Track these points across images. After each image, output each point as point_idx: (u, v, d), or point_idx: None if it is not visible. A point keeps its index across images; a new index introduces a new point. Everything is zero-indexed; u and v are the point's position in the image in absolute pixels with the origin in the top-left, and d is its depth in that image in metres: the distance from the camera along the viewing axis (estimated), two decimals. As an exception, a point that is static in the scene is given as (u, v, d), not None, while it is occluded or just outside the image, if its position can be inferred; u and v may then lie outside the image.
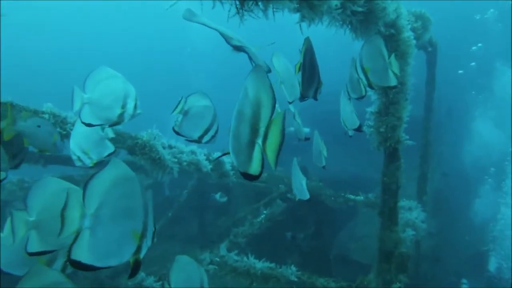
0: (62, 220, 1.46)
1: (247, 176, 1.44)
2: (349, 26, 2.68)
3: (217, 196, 8.06)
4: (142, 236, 1.56)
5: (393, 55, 2.85)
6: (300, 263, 6.34)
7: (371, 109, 3.39)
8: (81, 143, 2.88)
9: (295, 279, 3.98)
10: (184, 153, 4.21)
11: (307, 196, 3.37)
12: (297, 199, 3.47)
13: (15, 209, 1.93)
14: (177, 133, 2.59)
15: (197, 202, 8.40)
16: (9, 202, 6.65)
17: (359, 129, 3.33)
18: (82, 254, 1.45)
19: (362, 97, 3.06)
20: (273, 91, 1.42)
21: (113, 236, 1.52)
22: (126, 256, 1.53)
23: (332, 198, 6.29)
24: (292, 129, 3.79)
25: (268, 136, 1.40)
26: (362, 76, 2.86)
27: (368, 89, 2.98)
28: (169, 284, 2.40)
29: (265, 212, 6.03)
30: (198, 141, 2.62)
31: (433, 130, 6.29)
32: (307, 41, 2.37)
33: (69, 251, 1.43)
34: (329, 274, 5.94)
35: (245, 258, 4.24)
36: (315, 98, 2.64)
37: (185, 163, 4.18)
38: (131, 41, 31.29)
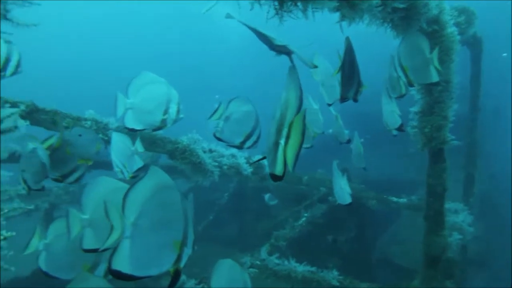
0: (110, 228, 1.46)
1: (273, 177, 1.44)
2: (390, 24, 2.59)
3: (266, 197, 7.64)
4: (182, 244, 1.54)
5: (436, 50, 2.74)
6: (341, 267, 6.22)
7: (415, 108, 3.28)
8: (119, 156, 2.93)
9: (337, 284, 3.90)
10: (224, 157, 4.22)
11: (348, 200, 3.30)
12: (337, 203, 3.41)
13: (70, 207, 1.97)
14: (218, 139, 2.57)
15: (237, 205, 8.43)
16: (56, 206, 6.90)
17: (401, 129, 3.24)
18: (122, 263, 1.45)
19: (402, 96, 3.00)
20: (301, 92, 1.43)
21: (153, 245, 1.51)
22: (166, 265, 1.52)
23: (374, 201, 6.15)
24: (330, 131, 3.73)
25: (289, 137, 1.41)
26: (401, 74, 2.78)
27: (410, 88, 2.90)
28: None
29: (306, 215, 5.95)
30: (240, 146, 2.59)
31: (479, 129, 6.05)
32: (347, 41, 2.31)
33: (109, 261, 1.43)
34: (371, 278, 5.81)
35: (286, 262, 4.20)
36: (355, 100, 2.57)
37: (225, 167, 4.18)
38: (166, 42, 31.63)
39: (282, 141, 1.41)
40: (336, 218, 6.57)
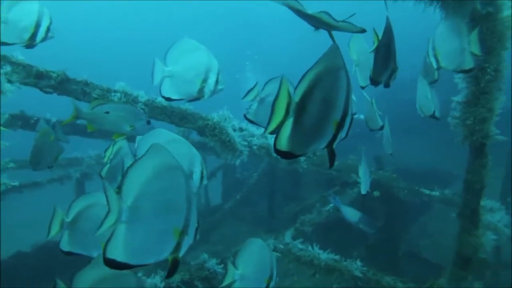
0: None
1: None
2: (439, 3, 2.39)
3: (355, 218, 5.85)
4: (183, 233, 1.42)
5: (475, 32, 2.53)
6: (367, 257, 6.09)
7: (458, 98, 3.06)
8: None
9: (360, 275, 3.78)
10: (255, 137, 4.12)
11: (363, 191, 3.45)
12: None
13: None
14: (250, 121, 2.41)
15: (267, 186, 8.38)
16: (88, 175, 7.04)
17: (435, 116, 3.08)
18: (117, 251, 1.33)
19: (434, 82, 2.89)
20: (325, 68, 1.38)
21: (151, 232, 1.38)
22: (164, 254, 1.41)
23: (406, 191, 5.95)
24: (362, 116, 3.56)
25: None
26: (433, 59, 2.63)
27: (456, 75, 2.72)
28: (236, 266, 2.33)
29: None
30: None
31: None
32: (387, 21, 2.14)
33: (104, 248, 1.32)
34: (397, 270, 5.66)
35: (309, 248, 4.11)
36: (387, 85, 2.37)
37: (255, 147, 4.08)
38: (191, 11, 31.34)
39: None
40: (365, 206, 6.41)
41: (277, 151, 1.42)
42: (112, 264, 1.33)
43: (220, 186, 9.60)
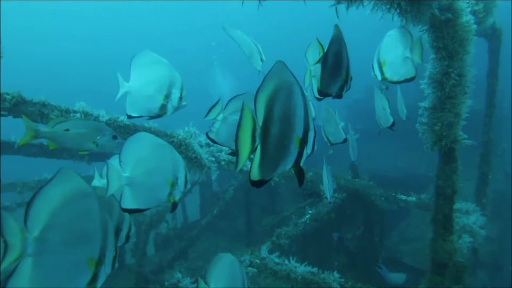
0: None
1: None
2: (398, 10, 2.35)
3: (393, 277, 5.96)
4: (99, 262, 1.33)
5: (418, 39, 2.53)
6: (347, 265, 6.04)
7: (425, 104, 3.03)
8: None
9: (338, 286, 3.71)
10: (222, 152, 4.03)
11: (328, 197, 3.46)
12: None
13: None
14: (212, 141, 2.27)
15: (244, 199, 8.29)
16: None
17: (391, 127, 3.14)
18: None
19: (385, 89, 2.97)
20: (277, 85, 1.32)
21: (63, 265, 1.27)
22: (79, 287, 1.31)
23: (382, 198, 5.93)
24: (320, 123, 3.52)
25: None
26: (377, 71, 2.63)
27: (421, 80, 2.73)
28: (207, 283, 2.25)
29: (310, 212, 5.75)
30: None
31: (495, 126, 5.77)
32: (336, 29, 2.06)
33: (4, 285, 1.19)
34: (379, 277, 5.62)
35: (286, 261, 4.02)
36: (339, 96, 2.25)
37: (223, 163, 4.00)
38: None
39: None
40: (343, 215, 6.38)
41: (252, 182, 1.34)
42: None
43: (198, 201, 9.48)
